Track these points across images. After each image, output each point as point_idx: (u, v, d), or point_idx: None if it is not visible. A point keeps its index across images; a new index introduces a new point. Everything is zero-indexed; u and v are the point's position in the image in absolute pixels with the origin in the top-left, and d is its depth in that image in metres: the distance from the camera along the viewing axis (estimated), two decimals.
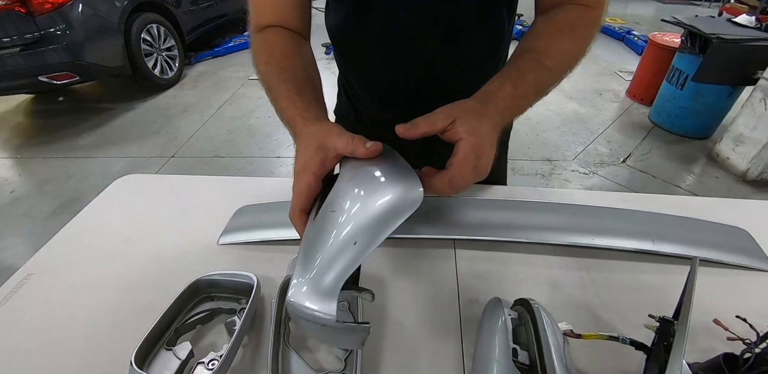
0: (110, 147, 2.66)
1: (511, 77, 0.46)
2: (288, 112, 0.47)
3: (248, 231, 0.67)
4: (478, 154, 0.39)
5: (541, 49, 0.48)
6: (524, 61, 0.48)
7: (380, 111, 0.74)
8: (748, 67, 2.22)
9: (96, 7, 2.84)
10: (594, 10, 0.51)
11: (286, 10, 0.57)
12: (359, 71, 0.70)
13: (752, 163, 2.22)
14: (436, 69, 0.64)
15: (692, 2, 6.87)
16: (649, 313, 0.45)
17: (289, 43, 0.55)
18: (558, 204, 0.71)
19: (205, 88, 3.50)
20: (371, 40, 0.62)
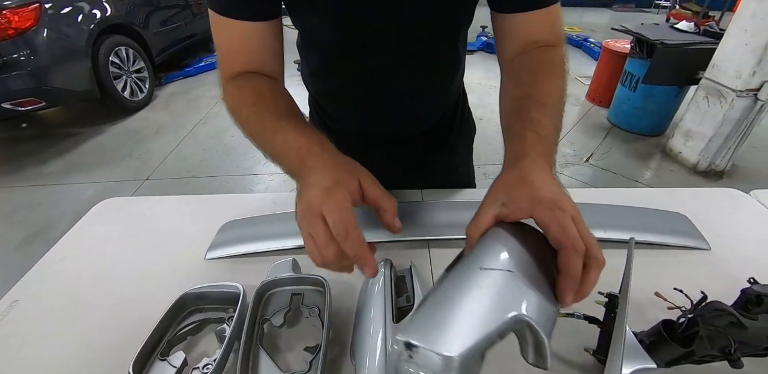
0: (80, 173, 2.60)
1: (528, 127, 0.44)
2: (297, 143, 0.44)
3: (234, 245, 0.69)
4: (560, 206, 0.34)
5: (535, 93, 0.49)
6: (531, 109, 0.46)
7: (352, 127, 0.78)
8: (691, 69, 2.41)
9: (62, 31, 2.79)
10: (558, 48, 0.55)
11: (260, 56, 0.55)
12: (334, 99, 0.73)
13: (701, 155, 2.39)
14: (406, 94, 0.67)
15: (642, 10, 7.34)
16: (599, 290, 0.51)
17: (273, 85, 0.55)
18: None
19: (177, 108, 3.48)
20: (344, 84, 0.66)
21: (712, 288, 0.53)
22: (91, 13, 3.02)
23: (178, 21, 4.12)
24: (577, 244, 0.33)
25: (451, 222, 0.72)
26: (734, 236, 0.72)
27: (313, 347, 0.49)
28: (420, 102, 0.70)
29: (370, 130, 0.77)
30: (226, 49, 0.55)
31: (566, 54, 0.56)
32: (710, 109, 2.30)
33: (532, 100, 0.47)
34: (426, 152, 0.80)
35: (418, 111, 0.72)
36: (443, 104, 0.76)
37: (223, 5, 0.52)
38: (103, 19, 3.08)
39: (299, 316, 0.56)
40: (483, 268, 0.31)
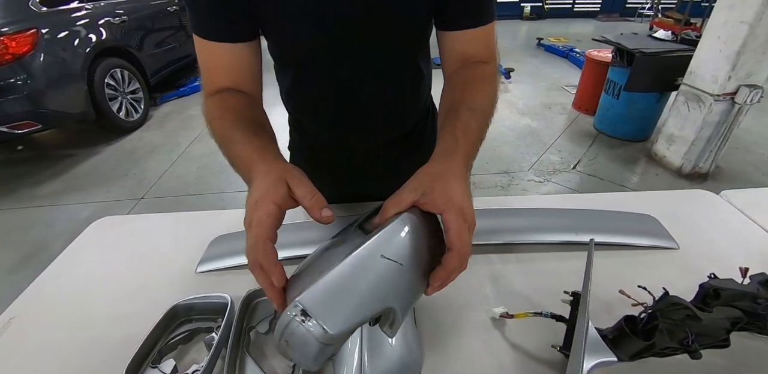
0: (75, 193, 2.63)
1: (458, 127, 0.49)
2: (244, 153, 0.47)
3: (223, 258, 0.73)
4: (464, 216, 0.39)
5: (467, 99, 0.54)
6: (461, 112, 0.52)
7: (329, 142, 0.82)
8: (670, 75, 2.49)
9: (58, 55, 2.84)
10: (489, 64, 0.62)
11: (238, 74, 0.59)
12: (310, 115, 0.78)
13: (684, 158, 2.45)
14: (373, 107, 0.72)
15: (626, 19, 7.54)
16: (564, 290, 0.54)
17: (245, 101, 0.58)
18: (496, 209, 0.82)
19: (172, 128, 3.53)
20: (319, 89, 0.70)
21: (681, 286, 0.56)
22: (87, 37, 3.08)
23: (173, 42, 4.19)
24: (464, 251, 0.39)
25: None
26: (704, 235, 0.75)
27: None
28: (386, 112, 0.75)
29: (344, 142, 0.81)
30: (206, 68, 0.60)
31: (498, 69, 0.62)
32: (690, 113, 2.36)
33: (464, 106, 0.53)
34: (398, 161, 0.84)
35: (385, 121, 0.76)
36: (411, 115, 0.80)
37: (203, 29, 0.56)
38: (98, 43, 3.15)
39: None
40: (383, 257, 0.36)
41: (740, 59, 2.09)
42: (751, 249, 0.72)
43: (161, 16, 4.06)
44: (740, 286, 0.56)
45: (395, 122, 0.78)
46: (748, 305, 0.54)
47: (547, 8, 7.65)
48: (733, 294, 0.55)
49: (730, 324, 0.51)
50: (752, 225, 0.79)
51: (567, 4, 7.64)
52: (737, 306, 0.53)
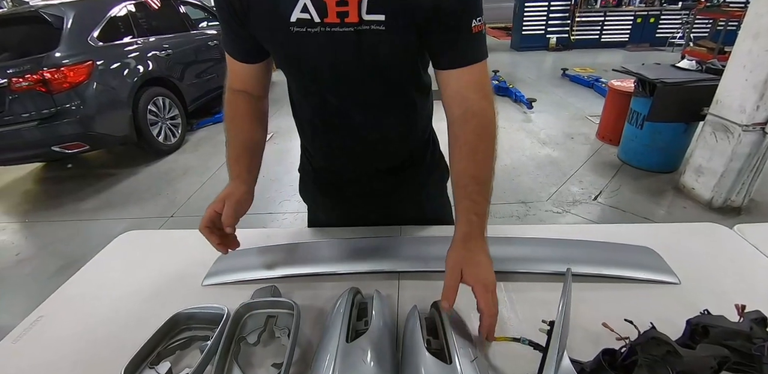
0: (113, 209, 2.82)
1: (469, 208, 0.63)
2: (228, 163, 0.75)
3: (228, 273, 0.79)
4: (487, 287, 0.57)
5: (472, 170, 0.65)
6: (468, 188, 0.63)
7: (328, 165, 0.90)
8: (695, 105, 2.44)
9: (108, 84, 3.13)
10: (483, 102, 0.66)
11: (249, 82, 0.78)
12: (312, 137, 0.87)
13: (714, 191, 2.35)
14: (366, 132, 0.79)
15: (657, 48, 7.46)
16: (543, 319, 0.54)
17: (252, 104, 0.77)
18: (492, 237, 0.83)
19: (204, 151, 3.74)
20: (317, 114, 0.79)
21: (678, 321, 0.56)
22: (135, 68, 3.39)
23: (212, 73, 4.49)
24: (491, 312, 0.56)
25: (419, 255, 0.79)
26: (710, 270, 0.74)
27: (280, 363, 0.55)
28: (377, 139, 0.81)
29: (340, 166, 0.88)
30: (230, 70, 0.78)
31: (495, 109, 0.68)
32: (718, 144, 2.29)
33: (474, 180, 0.64)
34: (396, 188, 0.90)
35: (377, 148, 0.83)
36: (404, 144, 0.86)
37: (228, 49, 0.74)
38: (145, 74, 3.45)
39: (272, 336, 0.62)
40: (473, 361, 0.50)
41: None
42: (760, 287, 0.70)
43: (203, 49, 4.39)
44: (731, 324, 0.55)
45: (388, 149, 0.84)
46: (741, 344, 0.52)
47: (574, 39, 7.71)
48: (725, 332, 0.54)
49: (717, 364, 0.50)
50: (765, 261, 0.76)
51: (594, 35, 7.67)
52: (729, 345, 0.52)
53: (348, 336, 0.53)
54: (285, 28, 0.62)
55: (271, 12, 0.63)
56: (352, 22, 0.61)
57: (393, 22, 0.61)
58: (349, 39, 0.62)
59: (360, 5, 0.59)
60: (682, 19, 7.20)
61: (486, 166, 0.65)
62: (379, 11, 0.60)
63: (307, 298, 0.71)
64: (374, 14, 0.60)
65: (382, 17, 0.60)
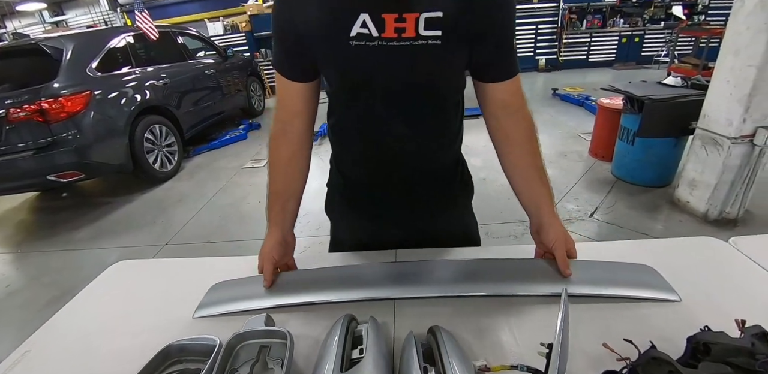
0: (107, 238, 2.78)
1: (545, 193, 0.78)
2: (269, 206, 0.83)
3: (219, 305, 0.77)
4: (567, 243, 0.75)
5: (536, 163, 0.79)
6: (538, 177, 0.78)
7: (362, 177, 0.92)
8: (683, 120, 2.48)
9: (106, 113, 3.16)
10: (522, 113, 0.78)
11: (299, 103, 0.80)
12: (350, 148, 0.89)
13: (709, 204, 2.35)
14: (404, 145, 0.82)
15: (643, 66, 7.66)
16: (541, 342, 0.53)
17: (287, 158, 0.82)
18: (486, 259, 0.82)
19: (200, 178, 3.74)
20: (359, 124, 0.82)
21: (679, 340, 0.54)
22: (133, 97, 3.43)
23: (209, 101, 4.57)
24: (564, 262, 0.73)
25: (415, 281, 0.77)
26: (708, 286, 0.72)
27: None
28: (414, 150, 0.83)
29: (375, 179, 0.90)
30: (278, 94, 0.81)
31: (530, 110, 0.79)
32: (709, 157, 2.32)
33: (539, 171, 0.78)
34: (425, 204, 0.91)
35: (414, 160, 0.85)
36: (439, 159, 0.88)
37: (279, 67, 0.77)
38: (142, 102, 3.49)
39: (265, 367, 0.60)
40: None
41: (753, 101, 2.08)
42: (757, 300, 0.68)
43: (200, 78, 4.48)
44: (732, 340, 0.53)
45: (423, 163, 0.86)
46: (745, 361, 0.51)
47: (562, 60, 7.93)
48: (726, 349, 0.52)
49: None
50: (762, 273, 0.75)
51: (582, 55, 7.90)
52: (732, 363, 0.51)
53: (342, 365, 0.52)
54: (344, 41, 0.67)
55: (331, 27, 0.67)
56: (409, 37, 0.66)
57: (448, 37, 0.66)
58: (406, 52, 0.67)
59: (417, 22, 0.64)
60: (665, 38, 7.45)
61: (540, 157, 0.79)
62: (437, 28, 0.65)
63: (302, 327, 0.69)
64: (431, 30, 0.65)
65: (439, 33, 0.66)
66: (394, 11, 0.64)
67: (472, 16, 0.66)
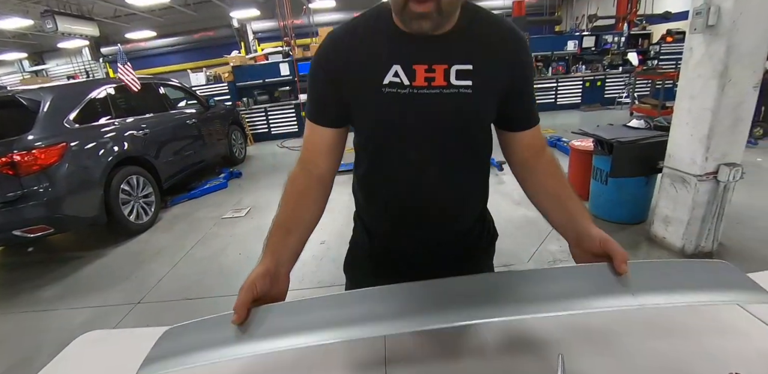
0: (74, 297, 2.61)
1: (581, 207, 0.76)
2: (267, 236, 0.72)
3: (173, 357, 0.60)
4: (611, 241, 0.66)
5: (566, 188, 0.79)
6: (571, 196, 0.77)
7: (392, 235, 0.90)
8: (650, 160, 2.60)
9: (81, 164, 3.09)
10: (546, 148, 0.83)
11: (325, 149, 0.80)
12: (379, 199, 0.88)
13: (685, 239, 2.41)
14: (435, 192, 0.82)
15: (607, 107, 8.14)
16: None
17: (303, 188, 0.78)
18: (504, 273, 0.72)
19: (179, 229, 3.62)
20: (391, 171, 0.82)
21: None
22: (111, 148, 3.39)
23: (189, 150, 4.54)
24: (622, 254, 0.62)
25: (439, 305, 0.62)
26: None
27: None
28: (444, 202, 0.83)
29: (402, 233, 0.89)
30: (304, 141, 0.82)
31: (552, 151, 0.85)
32: (679, 194, 2.41)
33: (569, 192, 0.78)
34: (447, 264, 0.85)
35: (442, 212, 0.85)
36: (466, 211, 0.89)
37: (314, 117, 0.79)
38: (120, 153, 3.45)
39: None
40: None
41: (712, 142, 2.21)
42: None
43: (181, 127, 4.50)
44: None
45: (451, 214, 0.86)
46: None
47: None
48: None
49: None
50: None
51: (550, 99, 8.36)
52: None
53: None
54: (377, 88, 0.72)
55: (365, 75, 0.73)
56: (440, 85, 0.71)
57: (479, 87, 0.72)
58: (436, 98, 0.72)
59: (448, 72, 0.71)
60: (625, 81, 8.01)
61: (568, 182, 0.81)
62: (467, 78, 0.71)
63: None
64: (462, 80, 0.72)
65: (470, 83, 0.72)
66: (424, 63, 0.71)
67: (499, 69, 0.74)
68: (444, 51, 0.71)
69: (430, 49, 0.71)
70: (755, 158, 4.13)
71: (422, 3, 0.61)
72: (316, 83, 0.78)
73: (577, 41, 8.25)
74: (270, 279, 0.64)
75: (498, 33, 0.75)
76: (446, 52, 0.71)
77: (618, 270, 0.60)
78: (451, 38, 0.71)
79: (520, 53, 0.76)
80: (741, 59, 2.07)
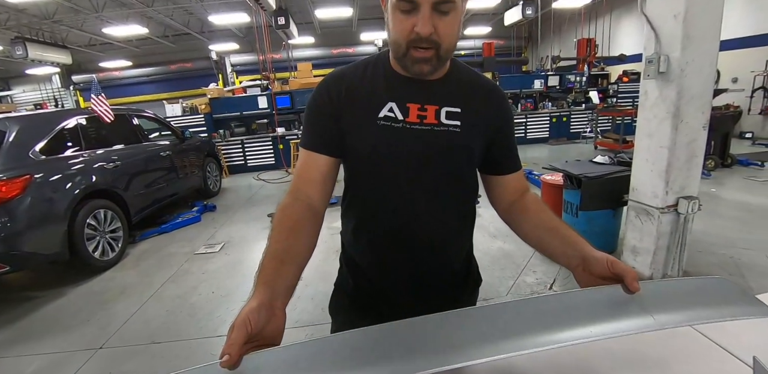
0: (28, 342, 2.40)
1: (576, 235, 0.77)
2: (259, 270, 0.65)
3: None
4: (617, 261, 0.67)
5: (556, 220, 0.81)
6: (566, 230, 0.78)
7: (379, 271, 0.90)
8: (616, 194, 2.73)
9: (45, 197, 2.94)
10: (530, 191, 0.89)
11: (319, 178, 0.82)
12: (367, 233, 0.89)
13: (652, 268, 2.51)
14: (422, 223, 0.84)
15: (573, 141, 8.59)
16: None
17: (302, 214, 0.76)
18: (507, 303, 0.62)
19: (147, 266, 3.45)
20: (381, 203, 0.84)
21: None
22: (79, 181, 3.25)
23: (162, 183, 4.41)
24: (633, 273, 0.63)
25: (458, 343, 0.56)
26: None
27: None
28: (434, 244, 0.86)
29: (391, 278, 0.89)
30: (297, 170, 0.84)
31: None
32: (644, 225, 2.52)
33: (562, 226, 0.80)
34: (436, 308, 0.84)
35: (433, 253, 0.87)
36: (456, 252, 0.92)
37: (311, 145, 0.82)
38: (88, 186, 3.31)
39: None
40: None
41: (670, 177, 2.36)
42: None
43: (154, 159, 4.40)
44: None
45: (439, 250, 0.87)
46: None
47: None
48: None
49: None
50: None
51: (520, 133, 8.77)
52: None
53: None
54: (373, 121, 0.78)
55: (363, 108, 0.79)
56: (431, 123, 0.79)
57: (466, 127, 0.80)
58: (427, 134, 0.79)
59: (438, 113, 0.79)
60: (588, 117, 8.52)
61: (559, 219, 0.83)
62: (456, 119, 0.79)
63: None
64: (451, 120, 0.79)
65: (458, 123, 0.79)
66: (417, 102, 0.79)
67: (484, 115, 0.82)
68: (435, 94, 0.80)
69: (423, 92, 0.79)
70: (710, 189, 4.41)
71: (424, 50, 0.71)
72: (316, 113, 0.83)
73: (543, 80, 8.81)
74: (265, 313, 0.56)
75: (482, 85, 0.85)
76: (437, 96, 0.80)
77: (630, 289, 0.60)
78: (442, 84, 0.81)
79: (502, 103, 0.86)
80: (691, 101, 2.27)
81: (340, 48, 13.15)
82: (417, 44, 0.70)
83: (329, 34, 12.83)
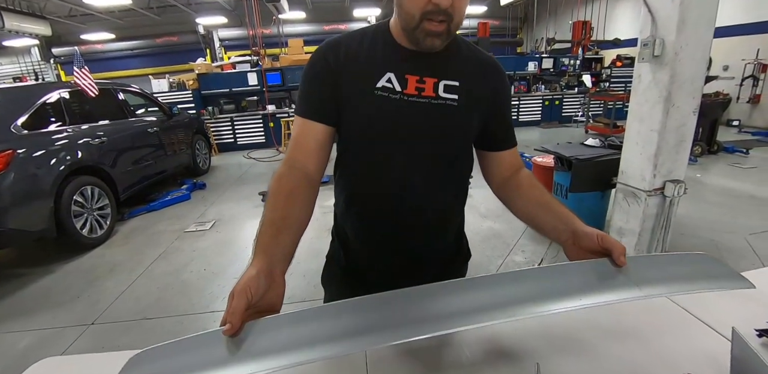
0: (18, 319, 2.40)
1: (565, 212, 0.77)
2: (257, 237, 0.64)
3: None
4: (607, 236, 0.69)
5: (548, 196, 0.82)
6: (556, 205, 0.79)
7: (372, 244, 0.90)
8: (605, 176, 2.77)
9: (29, 173, 2.88)
10: (524, 168, 0.89)
11: (315, 147, 0.80)
12: (361, 205, 0.88)
13: (637, 249, 2.58)
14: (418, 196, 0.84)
15: (564, 125, 8.61)
16: None
17: (291, 187, 0.74)
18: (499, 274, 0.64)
19: (136, 244, 3.44)
20: (376, 174, 0.83)
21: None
22: (64, 157, 3.18)
23: (150, 160, 4.35)
24: (621, 248, 0.65)
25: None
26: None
27: None
28: (427, 215, 0.86)
29: (383, 249, 0.90)
30: (293, 139, 0.82)
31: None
32: (631, 207, 2.58)
33: (553, 202, 0.81)
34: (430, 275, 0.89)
35: (426, 226, 0.87)
36: (448, 226, 0.92)
37: (306, 113, 0.80)
38: (73, 162, 3.25)
39: None
40: None
41: (659, 160, 2.39)
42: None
43: (141, 136, 4.31)
44: None
45: (431, 223, 0.88)
46: None
47: None
48: None
49: None
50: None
51: (513, 116, 8.75)
52: None
53: None
54: (370, 91, 0.77)
55: (360, 77, 0.78)
56: (429, 96, 0.78)
57: (464, 102, 0.79)
58: (424, 107, 0.78)
59: (436, 86, 0.78)
60: (580, 101, 8.52)
61: (550, 195, 0.85)
62: (454, 93, 0.79)
63: None
64: (449, 94, 0.79)
65: (456, 96, 0.79)
66: (416, 74, 0.78)
67: (482, 89, 0.82)
68: (435, 67, 0.79)
69: (422, 64, 0.78)
70: (695, 174, 4.51)
71: (438, 23, 0.70)
72: (313, 80, 0.81)
73: (537, 62, 8.72)
74: (265, 280, 0.56)
75: (481, 60, 0.84)
76: (437, 68, 0.79)
77: (618, 263, 0.63)
78: (442, 57, 0.79)
79: (501, 79, 0.86)
80: (683, 86, 2.28)
81: (332, 24, 12.77)
82: (432, 16, 0.69)
83: (321, 10, 12.44)
